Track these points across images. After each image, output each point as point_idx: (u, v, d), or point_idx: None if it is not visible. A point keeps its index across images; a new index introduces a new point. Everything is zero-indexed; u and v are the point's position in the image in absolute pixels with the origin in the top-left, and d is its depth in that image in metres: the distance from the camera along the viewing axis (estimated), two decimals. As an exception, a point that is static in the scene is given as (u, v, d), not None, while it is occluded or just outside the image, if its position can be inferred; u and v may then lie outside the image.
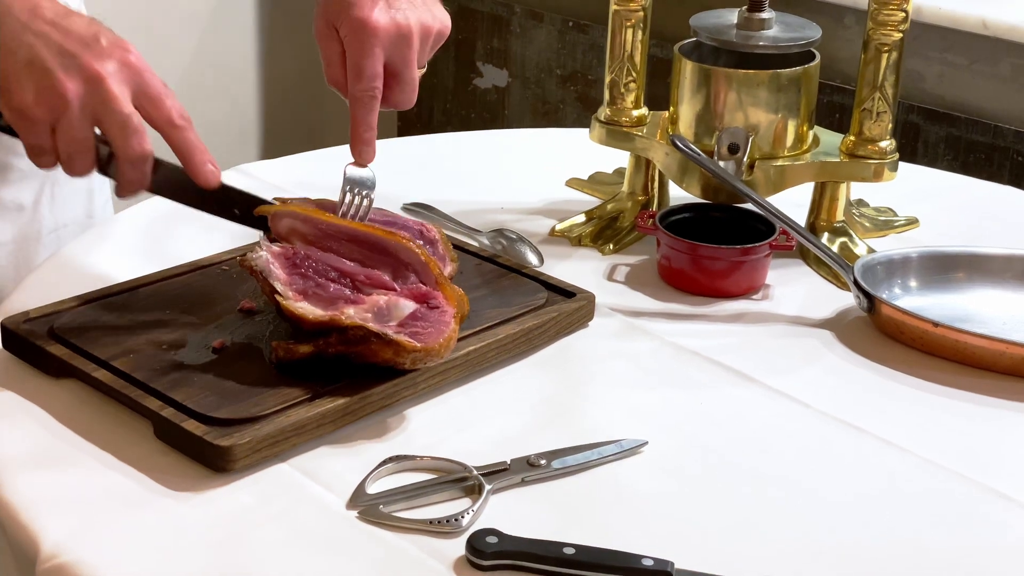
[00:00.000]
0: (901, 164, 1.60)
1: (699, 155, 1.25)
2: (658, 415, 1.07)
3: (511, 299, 1.17)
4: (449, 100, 2.68)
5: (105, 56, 1.00)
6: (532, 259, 1.31)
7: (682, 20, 1.26)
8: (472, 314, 1.10)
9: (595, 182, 1.50)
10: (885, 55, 1.30)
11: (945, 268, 1.27)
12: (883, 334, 1.20)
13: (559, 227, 1.38)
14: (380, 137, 1.21)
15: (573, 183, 1.50)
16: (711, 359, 1.15)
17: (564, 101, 2.49)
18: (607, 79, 1.39)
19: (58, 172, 1.09)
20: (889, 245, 1.37)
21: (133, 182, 1.04)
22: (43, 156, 1.02)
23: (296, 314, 1.03)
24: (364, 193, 1.16)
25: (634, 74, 1.38)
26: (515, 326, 1.13)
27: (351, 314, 1.02)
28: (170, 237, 1.31)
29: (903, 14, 1.28)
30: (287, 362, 1.03)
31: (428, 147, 1.62)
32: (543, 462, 0.99)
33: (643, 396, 1.10)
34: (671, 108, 1.37)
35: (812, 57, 1.34)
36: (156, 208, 1.37)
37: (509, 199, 1.45)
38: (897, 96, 1.32)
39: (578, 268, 1.31)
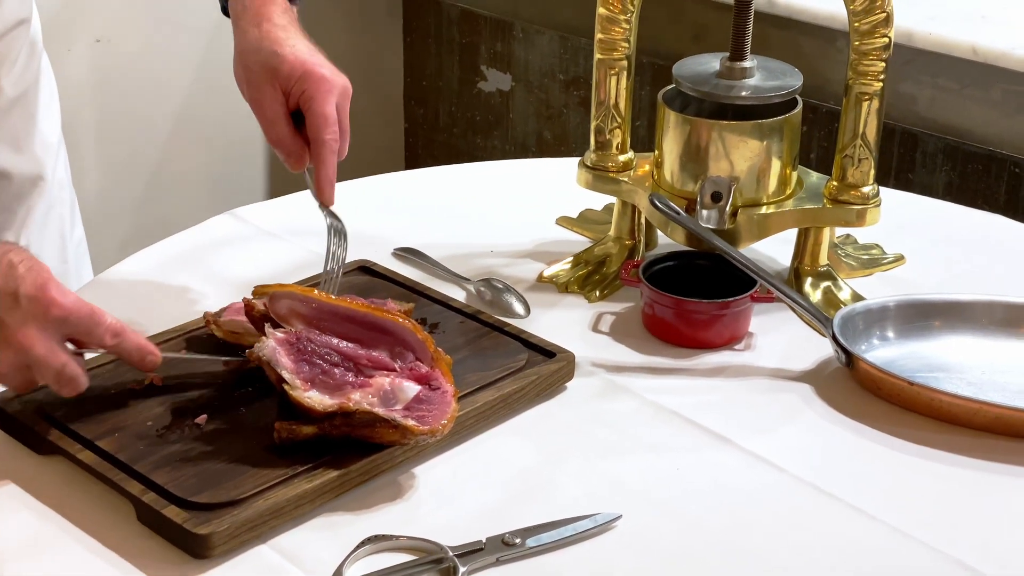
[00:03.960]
0: (893, 192, 1.61)
1: (678, 213, 1.27)
2: (634, 484, 1.09)
3: (491, 361, 1.19)
4: (454, 103, 2.69)
5: (27, 317, 1.04)
6: (519, 309, 1.33)
7: (680, 35, 1.26)
8: (453, 378, 1.12)
9: (584, 220, 1.51)
10: (866, 103, 1.31)
11: (925, 316, 1.28)
12: (862, 388, 1.21)
13: (547, 273, 1.40)
14: (387, 146, 1.25)
15: (563, 221, 1.52)
16: (690, 420, 1.17)
17: (567, 106, 2.49)
18: (592, 124, 1.40)
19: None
20: (874, 286, 1.38)
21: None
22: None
23: (305, 405, 1.05)
24: (343, 245, 1.24)
25: (619, 120, 1.39)
26: (494, 391, 1.15)
27: (358, 399, 1.05)
28: (155, 295, 1.34)
29: (883, 64, 1.29)
30: (289, 443, 1.05)
31: (419, 182, 1.64)
32: (517, 541, 1.01)
33: (620, 463, 1.11)
34: (656, 152, 1.38)
35: (795, 104, 1.34)
36: (141, 264, 1.40)
37: (499, 240, 1.47)
38: (879, 142, 1.33)
39: (564, 318, 1.32)
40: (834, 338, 1.22)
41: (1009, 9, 1.93)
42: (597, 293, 1.37)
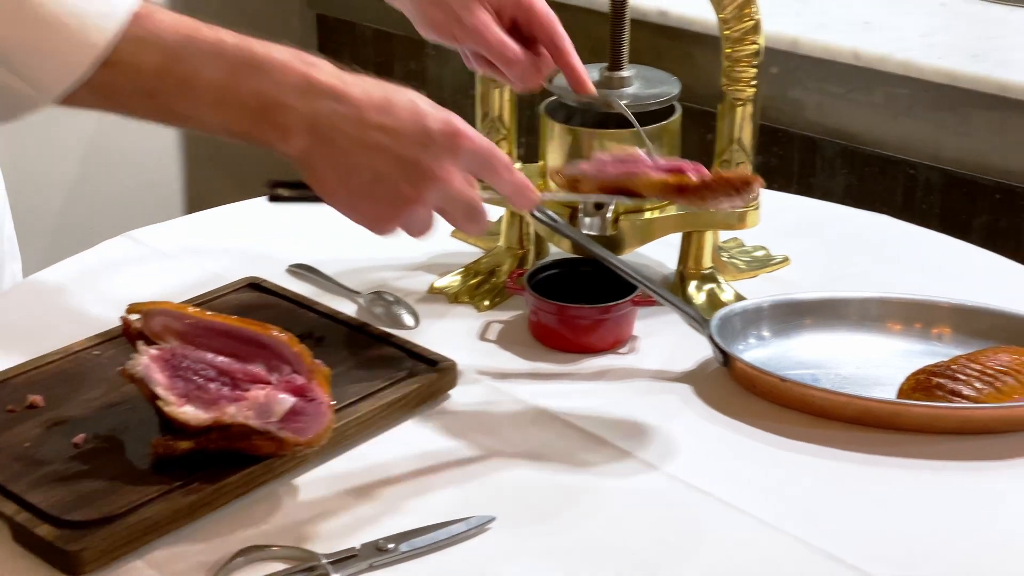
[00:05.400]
0: (785, 196, 1.64)
1: (557, 222, 1.28)
2: (510, 488, 1.10)
3: (375, 372, 1.20)
4: (371, 122, 2.70)
5: (444, 152, 1.02)
6: (408, 321, 1.34)
7: (578, 48, 1.28)
8: (334, 390, 1.13)
9: (478, 232, 1.53)
10: (740, 108, 1.33)
11: (800, 314, 1.30)
12: (740, 387, 1.24)
13: (437, 284, 1.42)
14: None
15: (457, 234, 1.53)
16: (569, 423, 1.19)
17: (481, 121, 2.52)
18: (478, 137, 1.42)
19: None
20: (760, 287, 1.41)
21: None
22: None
23: (180, 420, 1.06)
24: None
25: (504, 132, 1.41)
26: (375, 401, 1.16)
27: (233, 413, 1.06)
28: (49, 318, 1.34)
29: (754, 70, 1.32)
30: (166, 458, 1.07)
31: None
32: (391, 546, 1.02)
33: (498, 468, 1.13)
34: (541, 162, 1.40)
35: (673, 111, 1.37)
36: (36, 287, 1.41)
37: (393, 255, 1.48)
38: (755, 146, 1.36)
39: (453, 327, 1.34)
40: (711, 339, 1.24)
41: (892, 15, 1.97)
42: (486, 303, 1.39)
